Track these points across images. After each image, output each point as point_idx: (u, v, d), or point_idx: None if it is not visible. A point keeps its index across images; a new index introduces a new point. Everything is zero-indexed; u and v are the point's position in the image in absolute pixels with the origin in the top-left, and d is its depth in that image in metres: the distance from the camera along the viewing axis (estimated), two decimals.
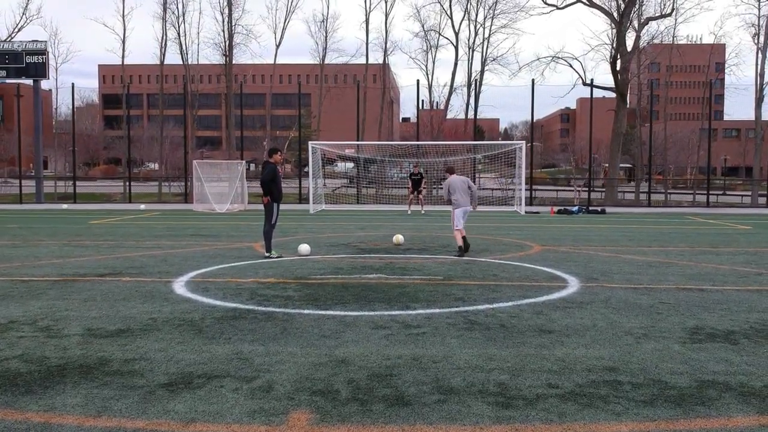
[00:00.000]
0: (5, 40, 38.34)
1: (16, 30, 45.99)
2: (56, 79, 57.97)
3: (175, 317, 6.77)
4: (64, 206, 29.36)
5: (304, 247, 12.00)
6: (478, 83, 49.01)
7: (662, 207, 33.02)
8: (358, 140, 53.12)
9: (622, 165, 74.15)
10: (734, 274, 9.81)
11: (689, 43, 65.42)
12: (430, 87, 58.08)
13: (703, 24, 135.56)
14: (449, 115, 52.50)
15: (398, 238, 13.85)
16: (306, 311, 7.05)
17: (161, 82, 52.08)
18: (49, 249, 13.07)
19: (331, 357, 5.30)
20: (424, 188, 25.74)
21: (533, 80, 30.11)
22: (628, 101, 39.00)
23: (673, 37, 50.22)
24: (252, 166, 65.40)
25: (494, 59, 50.38)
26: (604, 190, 40.97)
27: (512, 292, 8.23)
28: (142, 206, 28.69)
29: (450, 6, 50.27)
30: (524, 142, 26.89)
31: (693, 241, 14.94)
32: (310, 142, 27.24)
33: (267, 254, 11.58)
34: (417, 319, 6.64)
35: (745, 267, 10.59)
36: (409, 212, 24.80)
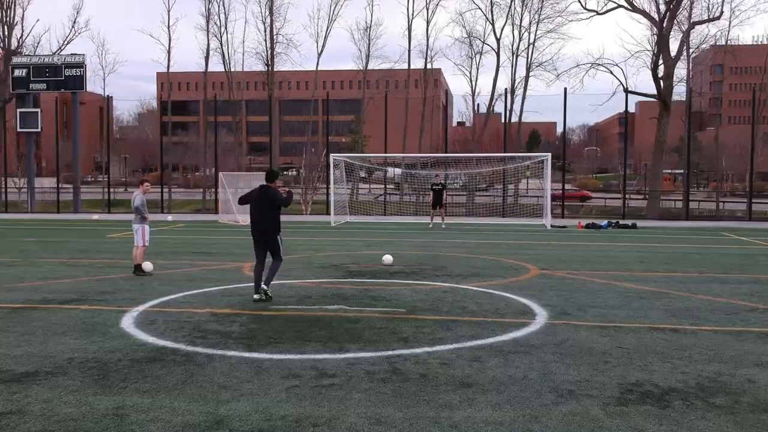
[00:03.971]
0: (56, 53, 39.41)
1: (66, 42, 47.31)
2: (104, 88, 59.49)
3: (94, 357, 6.57)
4: (95, 217, 29.95)
5: (388, 258, 13.45)
6: (524, 88, 48.24)
7: (702, 220, 31.61)
8: (403, 147, 52.98)
9: (676, 171, 71.82)
10: (725, 310, 9.08)
11: (742, 44, 62.81)
12: (473, 93, 57.52)
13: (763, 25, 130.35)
14: (494, 122, 51.53)
15: (387, 258, 13.50)
16: (230, 353, 6.75)
17: (205, 90, 52.98)
18: (42, 269, 13.16)
19: (210, 415, 4.98)
20: (446, 202, 25.28)
21: (565, 89, 29.31)
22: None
23: (727, 41, 48.37)
24: (294, 172, 65.94)
25: (539, 65, 49.39)
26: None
27: (467, 330, 7.77)
28: (170, 217, 29.03)
29: (491, 12, 49.48)
30: (549, 154, 26.06)
31: (708, 264, 14.09)
32: (331, 155, 27.10)
33: (264, 287, 9.66)
34: (338, 366, 6.27)
35: (742, 300, 9.82)
36: (431, 225, 24.36)
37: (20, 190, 39.25)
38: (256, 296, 9.57)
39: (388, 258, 13.59)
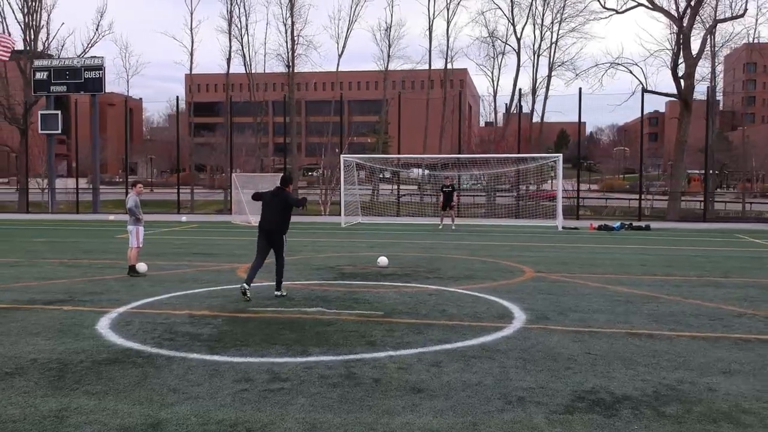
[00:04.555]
0: (80, 56, 39.97)
1: (90, 45, 47.96)
2: (127, 90, 60.25)
3: (58, 359, 6.63)
4: (111, 217, 30.31)
5: (383, 260, 13.34)
6: (546, 88, 47.86)
7: (724, 222, 31.01)
8: (424, 147, 52.85)
9: (711, 171, 70.40)
10: (710, 315, 8.88)
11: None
12: (495, 93, 57.24)
13: None
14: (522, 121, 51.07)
15: (382, 260, 13.46)
16: (192, 355, 6.77)
17: (226, 91, 53.45)
18: (41, 269, 13.35)
19: (149, 419, 4.99)
20: (455, 203, 25.15)
21: (580, 89, 28.98)
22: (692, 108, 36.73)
23: (754, 38, 47.51)
24: (318, 172, 66.07)
25: (561, 64, 48.94)
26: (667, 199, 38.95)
27: (438, 334, 7.69)
28: (184, 218, 29.31)
29: (512, 11, 49.12)
30: (560, 155, 25.75)
31: (710, 267, 13.80)
32: (342, 156, 27.12)
33: (278, 292, 10.21)
34: (294, 370, 6.24)
35: (733, 305, 9.59)
36: (441, 226, 24.25)
37: (43, 191, 39.94)
38: (245, 286, 9.72)
39: (383, 260, 13.54)
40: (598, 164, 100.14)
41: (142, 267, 12.48)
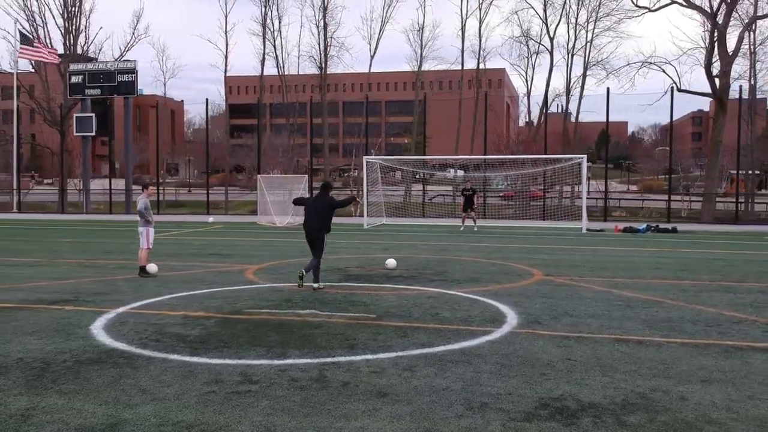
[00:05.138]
0: (117, 59, 40.83)
1: (127, 49, 48.90)
2: (164, 92, 61.29)
3: (43, 358, 6.80)
4: None
5: (391, 262, 13.39)
6: (581, 87, 47.29)
7: (754, 224, 30.18)
8: (456, 148, 52.68)
9: (751, 172, 68.53)
10: (708, 321, 8.67)
11: None
12: (528, 93, 56.73)
13: None
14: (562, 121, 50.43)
15: (390, 262, 13.48)
16: (173, 356, 6.87)
17: (260, 93, 54.10)
18: (57, 269, 13.69)
19: (110, 419, 5.09)
20: (476, 206, 25.01)
21: (608, 89, 28.55)
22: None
23: None
24: (349, 174, 66.28)
25: (595, 63, 48.30)
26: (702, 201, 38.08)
27: (423, 338, 7.67)
28: (211, 219, 29.70)
29: (545, 10, 48.59)
30: (585, 156, 25.37)
31: (726, 271, 13.48)
32: (365, 157, 27.18)
33: (317, 285, 11.13)
34: (266, 373, 6.30)
35: (736, 311, 9.35)
36: (462, 228, 24.14)
37: (80, 192, 40.88)
38: (302, 274, 11.06)
39: (391, 262, 13.55)
40: (637, 165, 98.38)
41: (152, 268, 12.70)
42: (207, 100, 34.57)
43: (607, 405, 5.44)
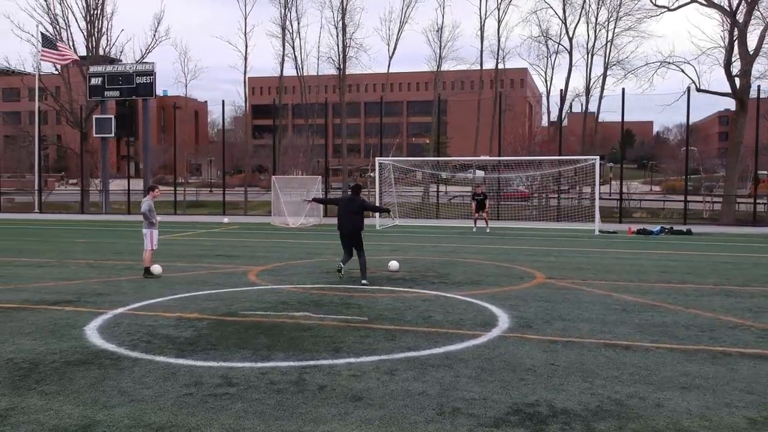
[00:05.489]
0: (138, 61, 41.27)
1: (148, 51, 49.38)
2: (185, 93, 61.92)
3: (32, 359, 6.94)
4: (159, 218, 31.11)
5: (393, 264, 13.37)
6: (601, 87, 46.90)
7: None
8: (474, 149, 52.50)
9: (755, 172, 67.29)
10: (702, 326, 8.58)
11: None
12: (548, 94, 56.35)
13: None
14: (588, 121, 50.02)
15: (393, 265, 13.52)
16: (159, 358, 6.98)
17: (280, 94, 54.41)
18: (65, 270, 13.92)
19: (85, 420, 5.19)
20: (488, 209, 24.96)
21: (623, 89, 28.30)
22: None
23: None
24: (368, 175, 66.33)
25: (616, 63, 47.84)
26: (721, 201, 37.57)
27: (410, 341, 7.70)
28: (225, 219, 29.93)
29: (564, 10, 48.25)
30: (597, 157, 25.16)
31: (732, 275, 13.31)
32: (377, 159, 27.22)
33: (364, 281, 11.91)
34: (247, 375, 6.37)
35: (734, 316, 9.24)
36: (474, 229, 24.08)
37: (100, 192, 41.40)
38: (340, 268, 12.18)
39: (393, 264, 13.58)
40: (661, 165, 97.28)
41: (156, 269, 12.87)
42: (223, 101, 35.28)
43: (579, 411, 5.43)
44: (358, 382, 6.17)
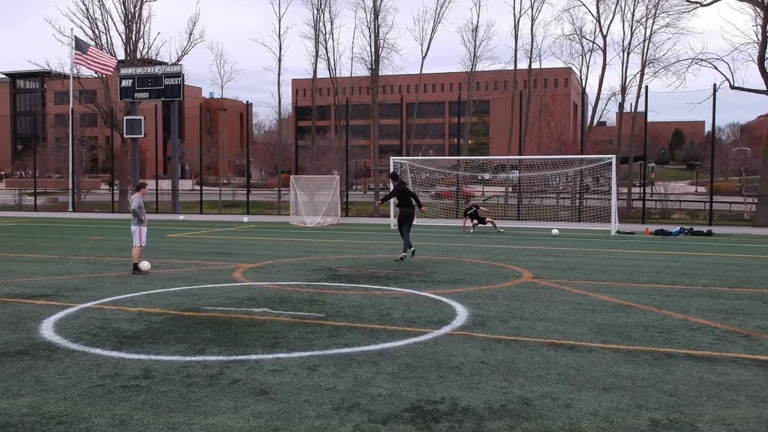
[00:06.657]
0: (174, 63, 42.05)
1: (183, 53, 50.24)
2: (221, 95, 62.85)
3: None
4: (181, 217, 31.76)
5: (145, 264, 13.02)
6: (638, 86, 45.99)
7: None
8: (508, 148, 52.01)
9: None
10: (664, 327, 8.31)
11: None
12: (583, 92, 55.45)
13: None
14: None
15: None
16: (95, 351, 7.08)
17: (313, 95, 54.80)
18: (61, 266, 14.25)
19: (14, 407, 5.29)
20: (489, 212, 24.85)
21: (647, 87, 27.59)
22: None
23: None
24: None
25: (653, 60, 46.82)
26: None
27: (352, 338, 7.65)
28: (245, 218, 30.27)
29: (597, 7, 47.44)
30: (614, 156, 24.58)
31: (727, 277, 12.86)
32: (392, 158, 27.15)
33: (403, 254, 14.81)
34: (168, 368, 6.41)
35: (705, 318, 8.92)
36: (471, 231, 23.80)
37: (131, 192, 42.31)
38: (404, 255, 14.81)
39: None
40: (700, 164, 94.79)
41: (145, 265, 13.07)
42: (248, 102, 35.22)
43: (480, 410, 5.30)
44: (273, 377, 6.15)
